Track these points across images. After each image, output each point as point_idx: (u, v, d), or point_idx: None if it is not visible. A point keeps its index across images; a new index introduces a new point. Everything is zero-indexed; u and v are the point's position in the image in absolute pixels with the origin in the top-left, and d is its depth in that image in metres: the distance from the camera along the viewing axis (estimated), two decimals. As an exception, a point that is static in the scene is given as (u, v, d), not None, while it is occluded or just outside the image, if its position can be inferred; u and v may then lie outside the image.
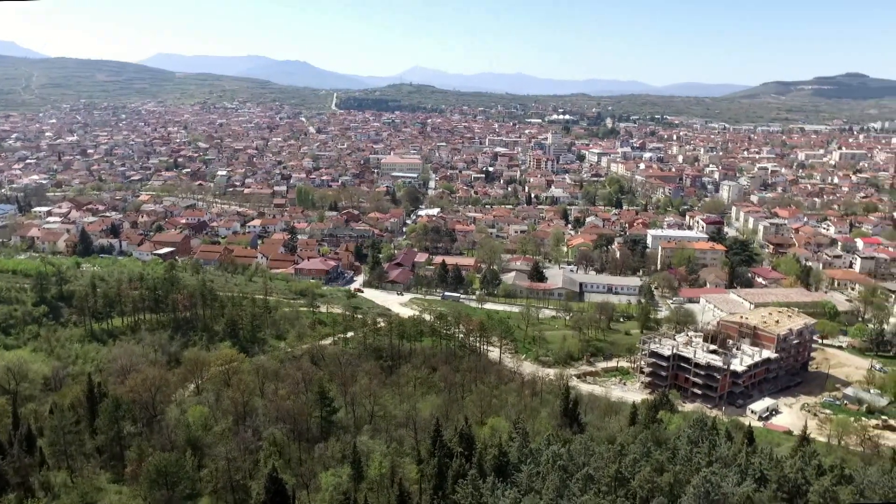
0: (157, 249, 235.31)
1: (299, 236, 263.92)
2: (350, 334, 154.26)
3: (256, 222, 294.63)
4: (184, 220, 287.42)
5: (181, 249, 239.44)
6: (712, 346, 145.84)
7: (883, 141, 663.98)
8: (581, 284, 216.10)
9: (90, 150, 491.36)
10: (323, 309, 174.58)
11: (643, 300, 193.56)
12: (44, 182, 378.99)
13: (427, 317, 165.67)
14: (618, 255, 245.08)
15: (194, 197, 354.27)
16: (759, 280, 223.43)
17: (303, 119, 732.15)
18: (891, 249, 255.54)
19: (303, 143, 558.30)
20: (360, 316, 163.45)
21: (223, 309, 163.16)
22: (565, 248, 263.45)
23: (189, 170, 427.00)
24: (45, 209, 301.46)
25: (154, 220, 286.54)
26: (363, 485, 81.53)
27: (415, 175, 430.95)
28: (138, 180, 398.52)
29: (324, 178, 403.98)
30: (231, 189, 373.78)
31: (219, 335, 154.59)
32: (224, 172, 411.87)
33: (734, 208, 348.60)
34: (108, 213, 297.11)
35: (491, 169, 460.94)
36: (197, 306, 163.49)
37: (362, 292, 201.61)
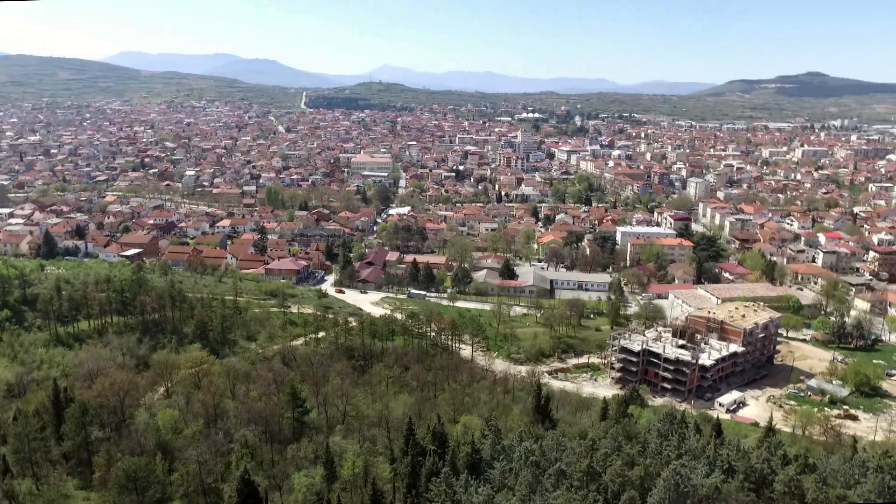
0: (124, 251, 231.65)
1: (269, 236, 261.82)
2: (321, 334, 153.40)
3: (226, 222, 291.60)
4: (151, 221, 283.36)
5: (149, 251, 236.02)
6: (681, 341, 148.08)
7: (843, 138, 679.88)
8: (552, 282, 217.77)
9: (53, 150, 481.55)
10: (294, 309, 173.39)
11: (613, 296, 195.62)
12: (5, 183, 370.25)
13: (399, 316, 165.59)
14: (588, 252, 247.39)
15: (162, 197, 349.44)
16: (726, 275, 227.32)
17: (272, 118, 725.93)
18: (851, 244, 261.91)
19: (272, 142, 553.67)
20: (331, 316, 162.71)
21: (192, 310, 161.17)
22: (536, 246, 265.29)
23: (156, 170, 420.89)
24: (6, 211, 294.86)
25: (121, 222, 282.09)
26: (336, 485, 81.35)
27: (385, 174, 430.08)
28: (104, 181, 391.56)
29: (293, 177, 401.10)
30: (199, 189, 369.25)
31: (188, 337, 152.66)
32: (192, 172, 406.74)
33: (701, 205, 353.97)
34: (72, 215, 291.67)
35: (461, 167, 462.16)
36: (166, 308, 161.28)
37: (343, 293, 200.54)
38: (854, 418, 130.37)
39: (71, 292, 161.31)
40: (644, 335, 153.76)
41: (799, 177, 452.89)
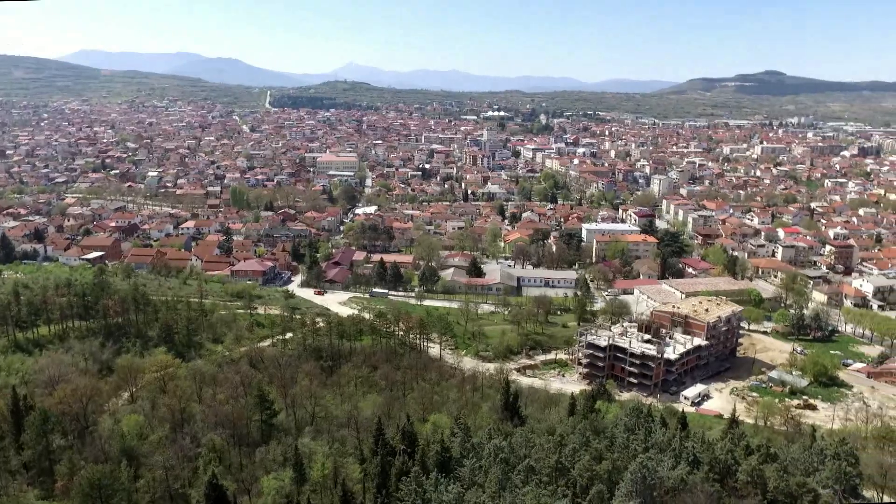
0: (85, 254, 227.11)
1: (234, 237, 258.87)
2: (289, 335, 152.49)
3: (190, 224, 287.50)
4: (113, 224, 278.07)
5: (111, 254, 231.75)
6: (646, 336, 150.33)
7: (799, 135, 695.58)
8: (518, 279, 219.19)
9: (9, 151, 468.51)
10: (260, 310, 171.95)
11: (579, 293, 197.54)
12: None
13: (367, 315, 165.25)
14: (554, 249, 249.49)
15: (124, 199, 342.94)
16: (690, 270, 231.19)
17: (236, 118, 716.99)
18: (808, 238, 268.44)
19: (236, 142, 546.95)
20: (298, 317, 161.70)
21: (157, 314, 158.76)
22: (502, 244, 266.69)
23: (118, 171, 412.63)
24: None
25: (81, 224, 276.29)
26: (306, 487, 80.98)
27: (351, 173, 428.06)
28: (63, 182, 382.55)
29: (259, 177, 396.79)
30: (163, 190, 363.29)
31: (153, 341, 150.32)
32: (155, 173, 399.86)
33: (665, 201, 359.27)
34: (30, 218, 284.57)
35: (427, 166, 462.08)
36: (129, 312, 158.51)
37: (323, 294, 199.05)
38: (813, 408, 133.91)
39: (30, 297, 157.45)
40: (610, 331, 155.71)
41: (758, 173, 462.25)
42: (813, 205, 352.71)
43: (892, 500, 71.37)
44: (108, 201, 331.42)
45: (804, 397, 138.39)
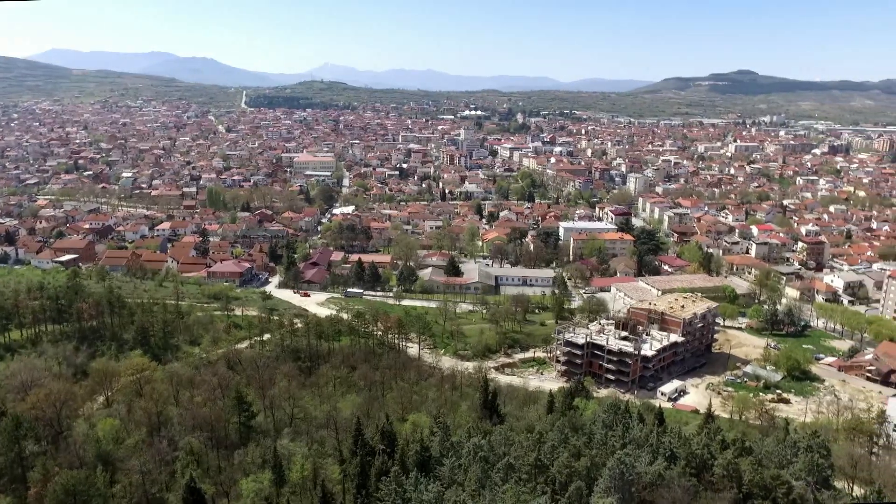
0: (58, 257, 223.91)
1: (211, 238, 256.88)
2: (267, 336, 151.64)
3: (165, 225, 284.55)
4: (87, 225, 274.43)
5: (85, 256, 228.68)
6: (624, 333, 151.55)
7: (772, 134, 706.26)
8: (496, 278, 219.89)
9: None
10: (238, 312, 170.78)
11: (557, 291, 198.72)
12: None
13: (345, 316, 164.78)
14: (531, 247, 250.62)
15: (98, 200, 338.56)
16: (666, 267, 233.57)
17: (211, 118, 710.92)
18: (781, 235, 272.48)
19: (212, 142, 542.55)
20: (276, 318, 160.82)
21: (132, 316, 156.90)
22: (480, 243, 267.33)
23: (91, 172, 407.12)
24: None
25: (54, 226, 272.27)
26: (285, 489, 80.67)
27: (328, 173, 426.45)
28: (35, 184, 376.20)
29: (235, 178, 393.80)
30: (137, 191, 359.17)
31: (129, 344, 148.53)
32: (129, 174, 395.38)
33: (641, 199, 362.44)
34: (1, 220, 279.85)
35: (405, 166, 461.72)
36: (104, 315, 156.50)
37: (309, 295, 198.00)
38: (786, 401, 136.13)
39: (1, 301, 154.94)
40: (588, 328, 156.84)
41: (732, 171, 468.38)
42: (785, 202, 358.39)
43: (863, 491, 72.82)
44: (81, 203, 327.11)
45: (778, 391, 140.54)
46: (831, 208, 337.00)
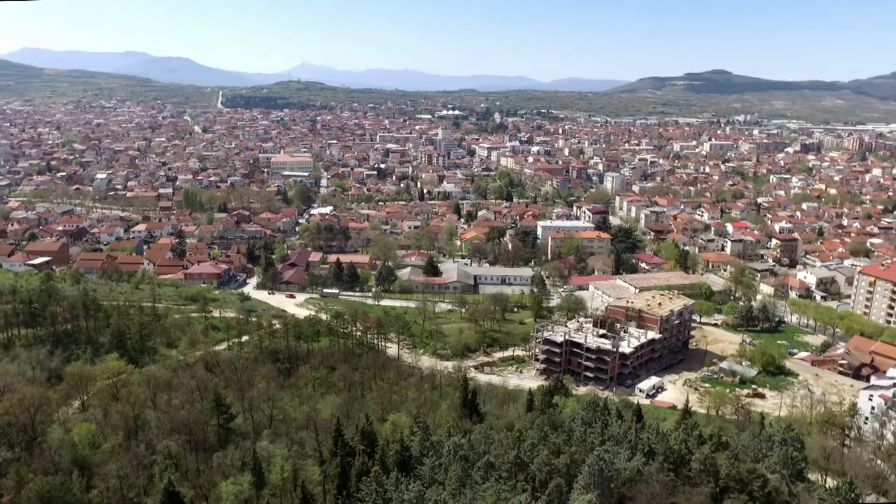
0: (30, 260, 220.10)
1: (188, 240, 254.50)
2: (245, 338, 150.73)
3: (141, 227, 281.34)
4: (60, 228, 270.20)
5: (59, 259, 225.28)
6: (602, 331, 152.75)
7: (746, 132, 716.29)
8: (475, 277, 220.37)
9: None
10: (216, 314, 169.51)
11: (535, 290, 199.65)
12: None
13: (323, 316, 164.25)
14: (510, 246, 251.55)
15: (71, 202, 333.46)
16: (643, 265, 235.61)
17: (187, 118, 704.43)
18: (756, 232, 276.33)
19: (188, 142, 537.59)
20: (254, 319, 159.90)
21: (108, 319, 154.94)
22: (459, 242, 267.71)
23: (64, 173, 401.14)
24: None
25: (26, 229, 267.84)
26: (265, 491, 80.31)
27: (306, 174, 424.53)
28: (6, 185, 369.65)
29: (212, 178, 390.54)
30: (112, 193, 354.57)
31: (104, 347, 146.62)
32: (104, 175, 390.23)
33: (618, 198, 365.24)
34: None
35: (383, 166, 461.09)
36: (79, 318, 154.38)
37: (294, 296, 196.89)
38: (762, 396, 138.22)
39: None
40: (566, 326, 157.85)
41: (707, 169, 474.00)
42: (759, 200, 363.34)
43: (835, 482, 74.18)
44: (54, 205, 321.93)
45: (753, 386, 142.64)
46: (804, 206, 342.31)
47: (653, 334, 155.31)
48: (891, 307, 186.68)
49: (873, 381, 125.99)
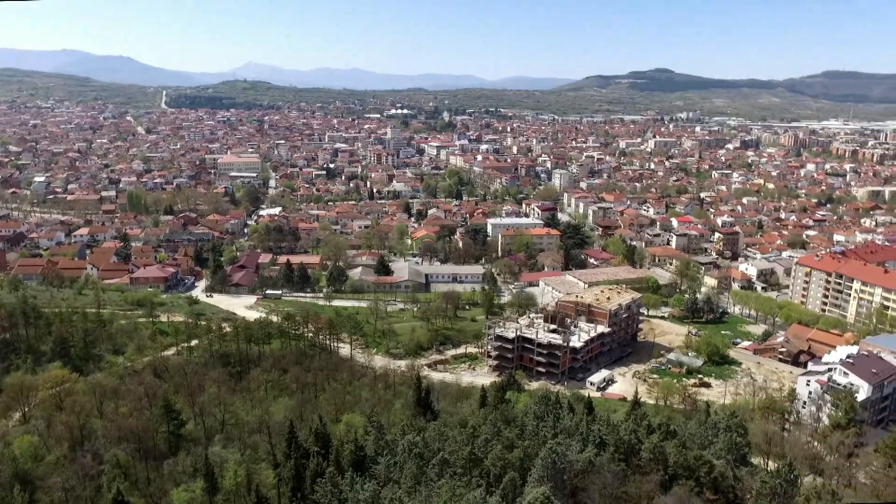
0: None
1: (133, 243, 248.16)
2: (195, 342, 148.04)
3: (83, 231, 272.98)
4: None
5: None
6: (553, 326, 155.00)
7: (688, 130, 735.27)
8: (427, 276, 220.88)
9: None
10: (164, 318, 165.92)
11: (487, 287, 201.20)
12: None
13: (274, 318, 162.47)
14: (460, 245, 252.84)
15: (8, 206, 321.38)
16: (592, 261, 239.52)
17: (130, 118, 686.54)
18: (699, 227, 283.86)
19: (131, 144, 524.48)
20: (203, 323, 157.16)
21: (50, 327, 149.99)
22: (409, 241, 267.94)
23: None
24: None
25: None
26: (218, 497, 79.24)
27: (254, 174, 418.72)
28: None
29: (157, 180, 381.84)
30: (51, 196, 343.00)
31: (46, 356, 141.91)
32: (42, 178, 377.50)
33: (566, 195, 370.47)
34: None
35: (332, 165, 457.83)
36: (18, 326, 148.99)
37: (281, 298, 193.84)
38: (707, 385, 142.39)
39: None
40: (518, 322, 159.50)
41: (652, 166, 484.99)
42: (702, 195, 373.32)
43: (776, 465, 77.09)
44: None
45: (699, 376, 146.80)
46: (744, 200, 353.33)
47: (602, 328, 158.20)
48: (825, 296, 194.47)
49: (810, 367, 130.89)
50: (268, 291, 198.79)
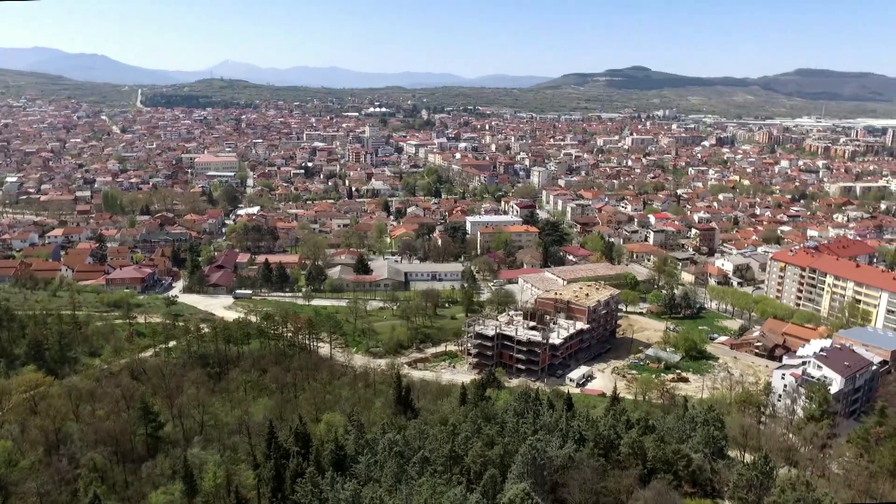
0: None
1: (109, 244, 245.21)
2: (172, 343, 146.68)
3: (58, 232, 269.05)
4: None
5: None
6: (532, 323, 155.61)
7: (665, 127, 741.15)
8: (406, 274, 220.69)
9: None
10: (141, 319, 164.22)
11: (466, 285, 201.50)
12: None
13: (253, 318, 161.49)
14: (439, 242, 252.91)
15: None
16: (570, 258, 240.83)
17: (104, 118, 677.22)
18: (676, 223, 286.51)
19: (106, 143, 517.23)
20: (181, 323, 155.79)
21: (24, 329, 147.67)
22: (388, 240, 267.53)
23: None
24: None
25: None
26: (198, 498, 78.74)
27: (231, 174, 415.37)
28: None
29: (132, 180, 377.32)
30: (24, 197, 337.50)
31: (20, 359, 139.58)
32: (14, 178, 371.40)
33: (544, 192, 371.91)
34: None
35: (310, 164, 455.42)
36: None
37: (251, 297, 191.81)
38: (685, 380, 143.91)
39: None
40: (497, 320, 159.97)
41: (630, 163, 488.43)
42: (679, 191, 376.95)
43: (752, 457, 78.26)
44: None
45: (677, 371, 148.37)
46: (720, 196, 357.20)
47: (581, 325, 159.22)
48: (800, 290, 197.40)
49: (785, 360, 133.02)
50: (237, 291, 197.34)
